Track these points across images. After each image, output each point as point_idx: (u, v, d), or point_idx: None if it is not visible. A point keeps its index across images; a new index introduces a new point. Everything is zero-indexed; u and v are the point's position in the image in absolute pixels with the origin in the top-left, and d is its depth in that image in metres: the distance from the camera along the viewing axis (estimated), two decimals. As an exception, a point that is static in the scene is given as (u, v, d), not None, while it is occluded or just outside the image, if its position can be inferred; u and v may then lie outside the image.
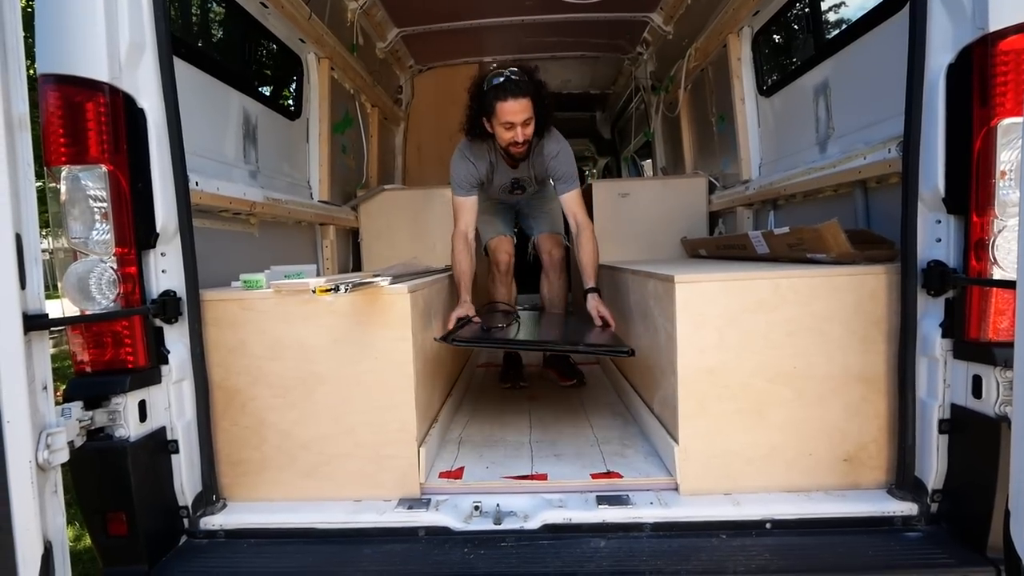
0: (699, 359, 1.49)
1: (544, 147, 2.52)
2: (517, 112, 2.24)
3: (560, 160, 2.50)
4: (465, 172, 2.50)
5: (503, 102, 2.23)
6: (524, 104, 2.24)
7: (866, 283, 1.48)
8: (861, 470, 1.51)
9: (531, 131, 2.31)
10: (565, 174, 2.50)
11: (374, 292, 1.51)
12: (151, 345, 1.40)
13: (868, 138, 1.94)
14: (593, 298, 2.27)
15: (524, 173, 2.61)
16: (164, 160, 1.41)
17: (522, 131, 2.28)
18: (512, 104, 2.23)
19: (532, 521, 1.44)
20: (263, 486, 1.56)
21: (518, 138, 2.28)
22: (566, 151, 2.52)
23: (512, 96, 2.22)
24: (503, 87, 2.24)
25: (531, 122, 2.29)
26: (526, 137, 2.29)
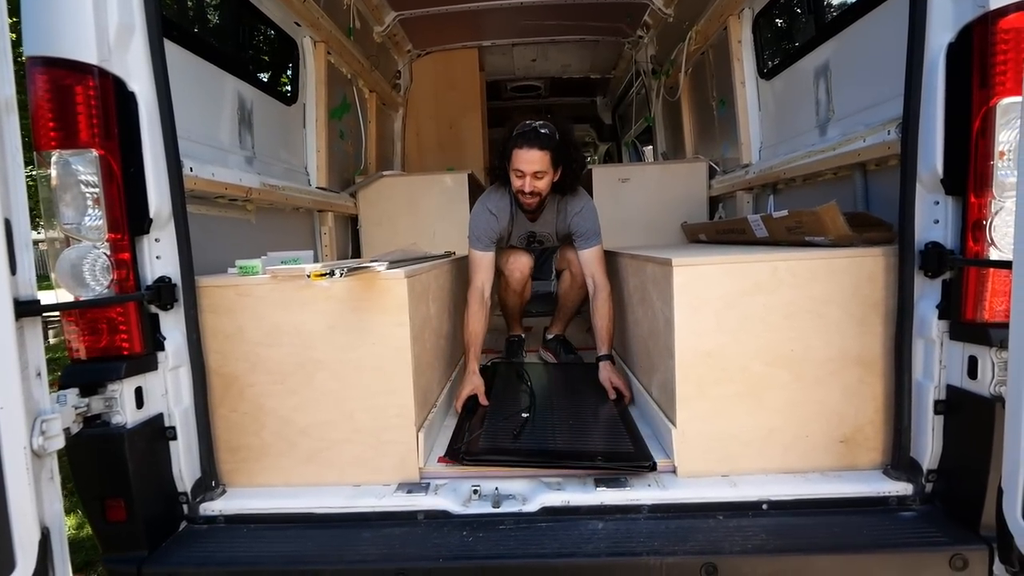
0: (697, 342, 1.49)
1: (568, 204, 2.47)
2: (527, 162, 2.21)
3: (583, 216, 2.45)
4: (485, 226, 2.43)
5: (518, 149, 2.22)
6: (538, 156, 2.20)
7: (864, 265, 1.47)
8: (857, 451, 1.51)
9: (542, 185, 2.26)
10: (588, 231, 2.44)
11: (371, 277, 1.50)
12: (147, 332, 1.40)
13: (868, 120, 1.93)
14: (605, 367, 2.20)
15: (544, 229, 2.57)
16: (156, 144, 1.40)
17: (530, 182, 2.24)
18: (525, 153, 2.21)
19: (530, 504, 1.45)
20: (263, 472, 1.56)
21: (525, 188, 2.25)
22: (590, 208, 2.48)
23: (528, 145, 2.20)
24: (523, 135, 2.22)
25: (543, 176, 2.25)
26: (534, 189, 2.25)
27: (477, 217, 2.45)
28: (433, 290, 1.92)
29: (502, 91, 5.69)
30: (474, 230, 2.44)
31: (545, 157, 2.22)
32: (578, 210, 2.45)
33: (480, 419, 1.83)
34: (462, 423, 1.83)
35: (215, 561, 1.34)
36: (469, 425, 1.78)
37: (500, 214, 2.45)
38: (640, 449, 1.60)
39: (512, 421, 1.79)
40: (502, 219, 2.46)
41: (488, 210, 2.45)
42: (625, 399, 2.06)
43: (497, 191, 2.49)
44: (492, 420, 1.81)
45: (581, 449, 1.60)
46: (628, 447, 1.62)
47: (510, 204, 2.47)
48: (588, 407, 1.95)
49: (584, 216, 2.45)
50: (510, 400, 2.02)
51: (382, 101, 4.00)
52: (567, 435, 1.71)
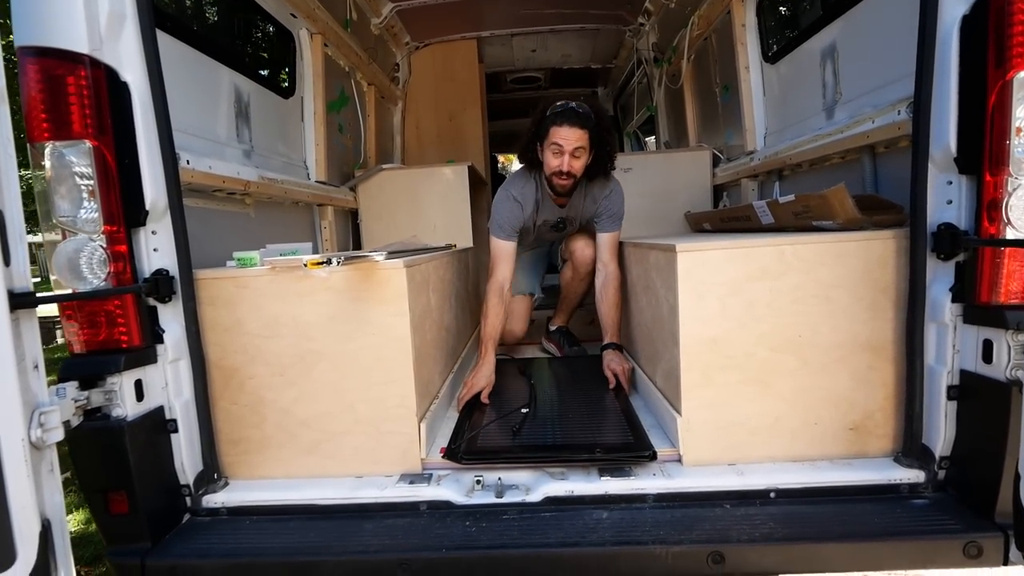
0: (702, 329, 1.47)
1: (598, 187, 2.42)
2: (569, 138, 2.16)
3: (612, 199, 2.41)
4: (509, 214, 2.36)
5: (558, 126, 2.17)
6: (579, 134, 2.16)
7: (873, 248, 1.44)
8: (867, 439, 1.49)
9: (579, 165, 2.21)
10: (615, 213, 2.41)
11: (369, 267, 1.48)
12: (145, 324, 1.39)
13: (876, 101, 1.89)
14: (609, 355, 2.16)
15: (573, 213, 2.50)
16: (151, 135, 1.38)
17: (569, 160, 2.19)
18: (566, 130, 2.16)
19: (534, 494, 1.43)
20: (264, 464, 1.55)
21: (563, 167, 2.19)
22: (620, 191, 2.44)
23: (568, 123, 2.16)
24: (564, 113, 2.18)
25: (581, 156, 2.20)
26: (571, 168, 2.20)
27: (500, 204, 2.39)
28: (434, 281, 1.90)
29: (502, 83, 5.65)
30: (496, 218, 2.38)
31: (585, 136, 2.17)
32: (609, 192, 2.40)
33: (480, 416, 1.81)
34: (462, 420, 1.81)
35: (218, 553, 1.33)
36: (469, 423, 1.76)
37: (525, 200, 2.39)
38: (640, 439, 1.58)
39: (511, 417, 1.76)
40: (527, 206, 2.40)
41: (512, 197, 2.38)
42: (625, 388, 2.03)
43: (522, 176, 2.42)
44: (492, 417, 1.79)
45: (580, 442, 1.58)
46: (628, 437, 1.60)
47: (536, 190, 2.40)
48: (589, 400, 1.93)
49: (614, 199, 2.41)
50: (511, 396, 1.99)
51: (381, 94, 3.97)
52: (566, 429, 1.68)
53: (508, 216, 2.36)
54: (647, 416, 1.79)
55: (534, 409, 1.82)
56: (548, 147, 2.21)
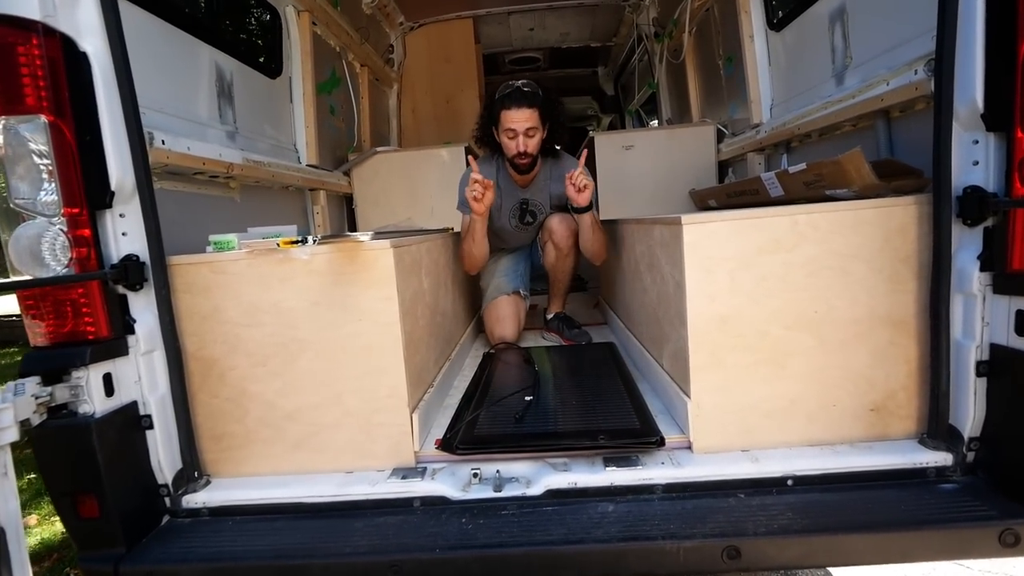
0: (710, 307, 1.37)
1: (561, 168, 2.42)
2: (519, 120, 2.21)
3: None
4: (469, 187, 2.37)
5: (507, 110, 2.22)
6: (528, 114, 2.21)
7: (894, 215, 1.33)
8: (890, 420, 1.39)
9: (534, 144, 2.26)
10: None
11: (353, 248, 1.39)
12: (114, 314, 1.30)
13: (891, 62, 1.77)
14: None
15: (536, 196, 2.47)
16: (114, 110, 1.28)
17: (523, 141, 2.23)
18: (515, 112, 2.21)
19: (535, 487, 1.34)
20: (248, 460, 1.47)
21: (519, 147, 2.23)
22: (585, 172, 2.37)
23: (516, 105, 2.21)
24: (509, 95, 2.23)
25: (535, 134, 2.25)
26: (527, 148, 2.24)
27: (462, 183, 2.42)
28: (426, 264, 1.80)
29: (500, 64, 5.51)
30: (460, 195, 2.44)
31: (534, 114, 2.23)
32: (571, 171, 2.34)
33: (479, 404, 1.71)
34: (460, 409, 1.71)
35: (198, 557, 1.25)
36: (467, 411, 1.66)
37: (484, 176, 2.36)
38: (647, 424, 1.48)
39: (513, 404, 1.67)
40: None
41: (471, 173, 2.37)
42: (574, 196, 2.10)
43: (484, 161, 2.45)
44: (491, 405, 1.69)
45: (583, 429, 1.48)
46: (634, 423, 1.50)
47: (496, 172, 2.42)
48: (593, 385, 1.83)
49: None
50: (513, 383, 1.89)
51: (375, 76, 3.85)
52: (569, 416, 1.59)
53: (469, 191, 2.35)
54: (655, 401, 1.69)
55: (536, 396, 1.72)
56: (503, 132, 2.27)
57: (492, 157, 2.44)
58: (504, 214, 2.50)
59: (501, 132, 2.28)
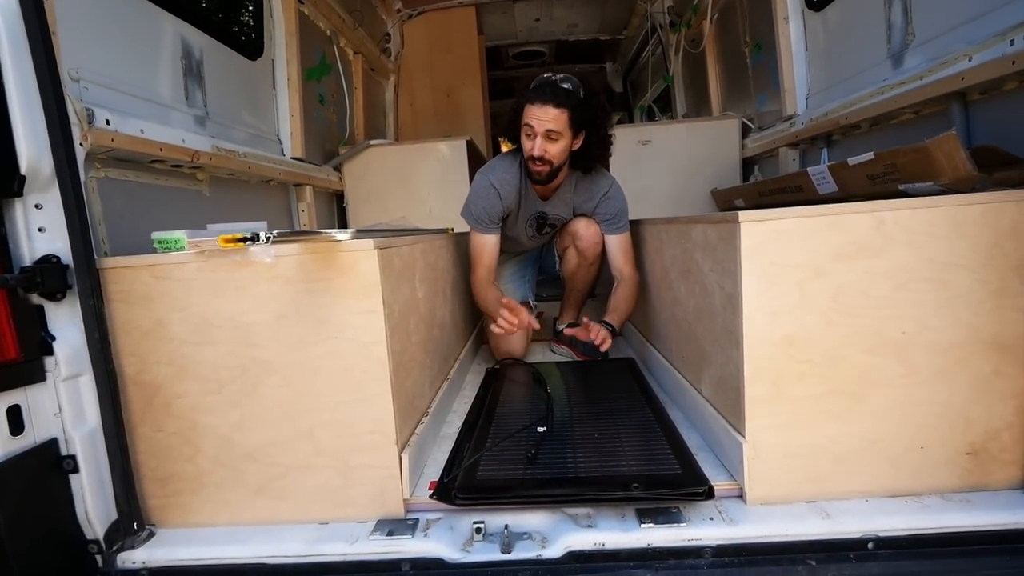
0: (772, 326, 1.10)
1: (593, 183, 2.09)
2: (540, 118, 1.85)
3: (613, 198, 2.08)
4: (486, 203, 2.05)
5: (531, 104, 1.86)
6: (554, 114, 1.84)
7: (1005, 214, 1.06)
8: (990, 466, 1.12)
9: (555, 150, 1.89)
10: (618, 212, 2.08)
11: (328, 249, 1.12)
12: (24, 329, 1.03)
13: (970, 36, 1.51)
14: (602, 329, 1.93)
15: (556, 211, 2.15)
16: (24, 75, 1.01)
17: (541, 144, 1.87)
18: (538, 109, 1.85)
19: (552, 547, 1.07)
20: (201, 508, 1.20)
21: (534, 151, 1.88)
22: (618, 189, 2.11)
23: (541, 100, 1.84)
24: (538, 89, 1.87)
25: (557, 139, 1.88)
26: (545, 153, 1.88)
27: (476, 192, 2.07)
28: (421, 268, 1.53)
29: (504, 58, 5.27)
30: (472, 208, 2.07)
31: (562, 116, 1.85)
32: (606, 189, 2.08)
33: (482, 437, 1.44)
34: (460, 441, 1.44)
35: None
36: (469, 447, 1.39)
37: (504, 188, 2.04)
38: (690, 469, 1.21)
39: (524, 438, 1.39)
40: (506, 195, 2.05)
41: (490, 183, 2.04)
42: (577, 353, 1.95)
43: (505, 160, 2.09)
44: (498, 439, 1.41)
45: (611, 474, 1.21)
46: (674, 466, 1.23)
47: (519, 176, 2.06)
48: (617, 414, 1.55)
49: (614, 198, 2.09)
50: (520, 411, 1.62)
51: (370, 66, 3.59)
52: (592, 454, 1.30)
53: (485, 206, 2.05)
54: (691, 434, 1.42)
55: (550, 427, 1.45)
56: (522, 127, 1.92)
57: (516, 158, 2.06)
58: (520, 223, 2.18)
59: (521, 126, 1.93)
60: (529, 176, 2.00)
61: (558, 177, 2.03)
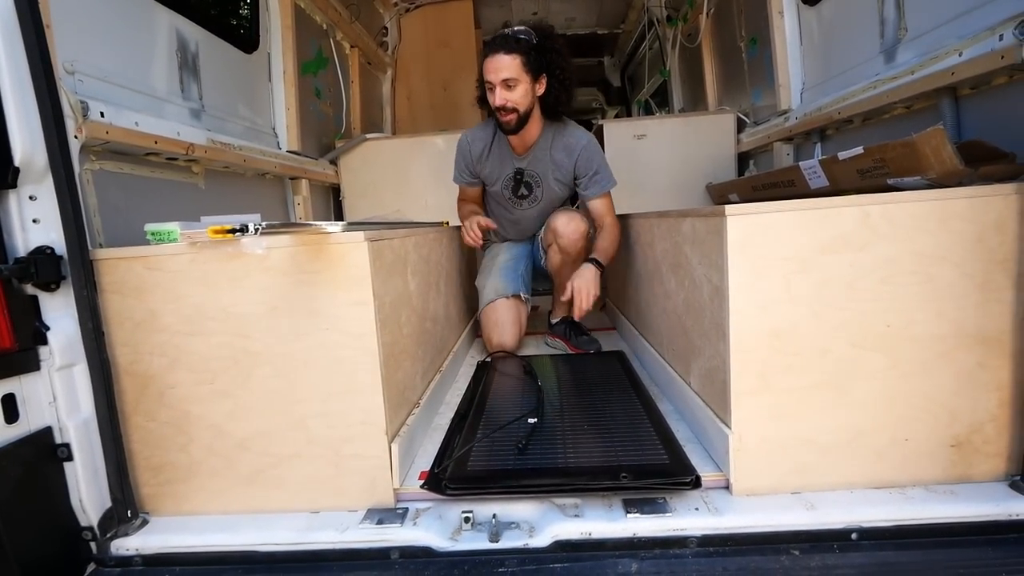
0: (759, 318, 1.11)
1: (570, 136, 2.12)
2: (494, 69, 1.94)
3: (591, 151, 2.10)
4: (460, 157, 2.27)
5: (486, 59, 1.95)
6: (506, 61, 1.92)
7: (991, 208, 1.07)
8: (974, 458, 1.14)
9: (516, 96, 1.96)
10: (597, 169, 2.11)
11: (318, 241, 1.13)
12: (19, 319, 1.04)
13: (962, 30, 1.51)
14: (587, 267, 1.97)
15: (533, 166, 2.17)
16: (18, 67, 1.02)
17: (501, 93, 1.95)
18: (492, 60, 1.94)
19: (539, 536, 1.09)
20: (193, 496, 1.21)
21: (497, 101, 1.96)
22: (596, 147, 2.13)
23: (493, 51, 1.93)
24: (491, 43, 1.97)
25: (515, 85, 1.95)
26: (506, 101, 1.95)
27: (457, 149, 2.29)
28: (414, 261, 1.54)
29: (501, 52, 5.24)
30: (455, 166, 2.32)
31: (515, 61, 1.93)
32: (583, 143, 2.11)
33: (473, 427, 1.45)
34: (451, 432, 1.45)
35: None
36: (460, 438, 1.40)
37: (475, 143, 2.23)
38: (678, 459, 1.23)
39: (514, 429, 1.41)
40: (476, 148, 2.22)
41: (467, 140, 2.25)
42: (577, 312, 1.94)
43: (484, 126, 2.25)
44: (487, 430, 1.43)
45: (600, 464, 1.22)
46: (661, 457, 1.25)
47: (492, 133, 2.19)
48: (607, 405, 1.57)
49: (592, 151, 2.12)
50: (510, 402, 1.63)
51: (367, 60, 3.59)
52: (581, 445, 1.32)
53: (459, 160, 2.28)
54: (680, 426, 1.44)
55: (541, 418, 1.46)
56: (486, 86, 2.02)
57: (492, 122, 2.18)
58: (498, 184, 2.26)
59: (485, 87, 2.02)
60: (502, 129, 2.08)
61: (531, 127, 2.10)
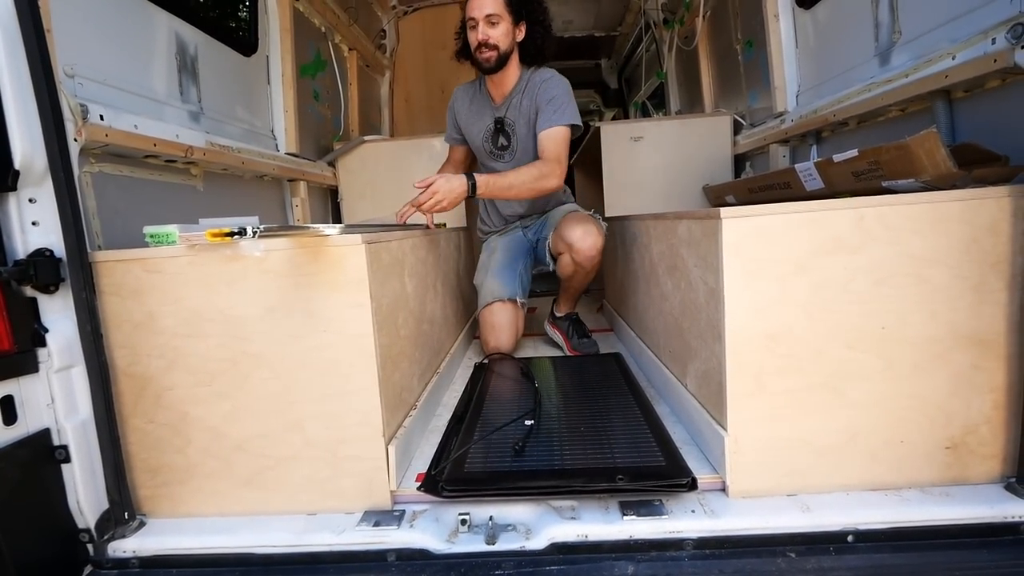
0: (754, 320, 1.12)
1: (538, 75, 2.17)
2: (478, 5, 2.01)
3: (551, 83, 2.12)
4: (448, 112, 2.39)
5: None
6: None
7: (984, 211, 1.08)
8: (969, 460, 1.14)
9: (498, 34, 2.03)
10: (554, 99, 2.09)
11: (316, 244, 1.13)
12: (18, 321, 1.05)
13: (954, 34, 1.52)
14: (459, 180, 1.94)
15: (511, 113, 2.20)
16: (19, 72, 1.03)
17: (484, 29, 2.02)
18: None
19: (536, 538, 1.09)
20: (190, 498, 1.22)
21: (479, 36, 2.02)
22: (560, 80, 2.15)
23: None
24: None
25: (498, 22, 2.02)
26: (488, 37, 2.02)
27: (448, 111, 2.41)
28: (411, 263, 1.55)
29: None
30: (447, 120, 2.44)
31: (499, 1, 2.01)
32: (548, 76, 2.15)
33: (469, 429, 1.45)
34: (448, 434, 1.46)
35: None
36: (456, 439, 1.40)
37: (462, 98, 2.33)
38: (674, 462, 1.23)
39: (507, 432, 1.41)
40: (462, 103, 2.32)
41: (455, 96, 2.36)
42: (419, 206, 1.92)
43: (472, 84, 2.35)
44: (484, 432, 1.43)
45: (597, 466, 1.22)
46: (658, 459, 1.25)
47: (476, 86, 2.30)
48: (604, 408, 1.57)
49: (553, 85, 2.11)
50: (507, 404, 1.63)
51: (365, 62, 3.60)
52: (578, 447, 1.33)
53: (448, 116, 2.40)
54: (677, 428, 1.45)
55: (538, 420, 1.47)
56: (468, 26, 2.10)
57: (471, 84, 2.31)
58: (479, 139, 2.31)
59: (468, 28, 2.09)
60: (479, 67, 2.13)
61: (510, 71, 2.15)
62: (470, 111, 2.30)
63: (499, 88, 2.19)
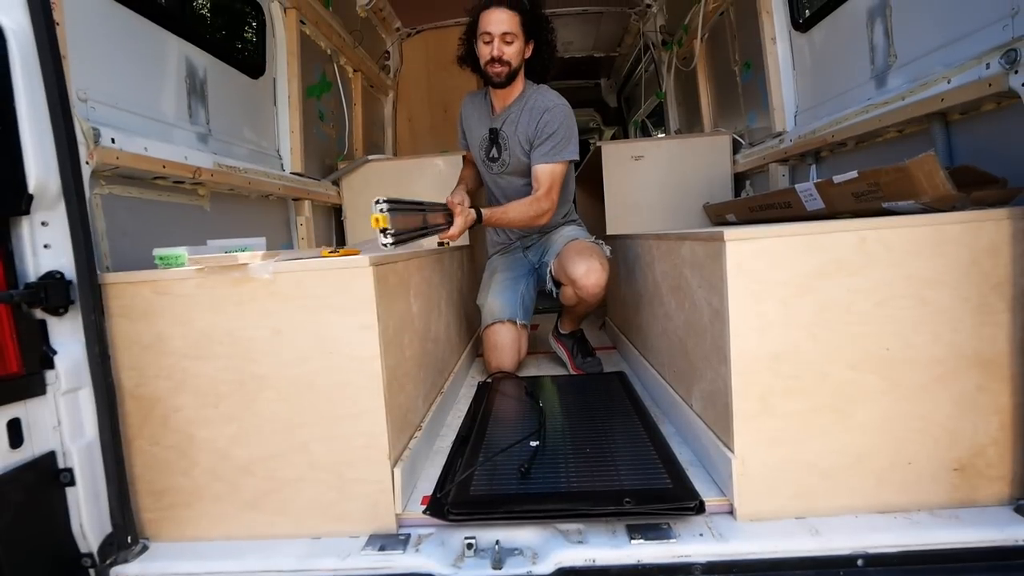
0: (759, 342, 1.12)
1: (538, 98, 2.19)
2: (496, 22, 2.05)
3: (555, 114, 2.14)
4: (459, 120, 2.48)
5: (485, 11, 2.07)
6: (507, 16, 2.05)
7: (984, 232, 1.09)
8: (977, 482, 1.14)
9: (511, 52, 2.08)
10: (555, 133, 2.12)
11: (323, 266, 1.14)
12: (27, 344, 1.05)
13: (949, 58, 1.55)
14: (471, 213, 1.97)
15: (507, 127, 2.24)
16: (36, 98, 1.05)
17: (499, 46, 2.06)
18: (493, 13, 2.06)
19: (543, 563, 1.08)
20: (195, 521, 1.21)
21: (493, 52, 2.06)
22: (563, 111, 2.17)
23: (496, 4, 2.05)
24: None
25: (513, 41, 2.08)
26: (503, 53, 2.07)
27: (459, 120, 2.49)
28: (416, 284, 1.56)
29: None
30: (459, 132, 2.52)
31: (515, 19, 2.06)
32: (550, 106, 2.15)
33: (474, 451, 1.45)
34: (453, 456, 1.45)
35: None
36: (461, 461, 1.40)
37: (468, 105, 2.41)
38: (681, 484, 1.23)
39: (517, 452, 1.41)
40: (468, 109, 2.40)
41: (463, 102, 2.45)
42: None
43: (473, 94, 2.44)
44: (489, 454, 1.43)
45: (604, 489, 1.22)
46: (664, 481, 1.25)
47: (483, 95, 2.36)
48: (609, 430, 1.56)
49: (555, 116, 2.14)
50: (512, 425, 1.63)
51: (369, 83, 3.65)
52: (584, 469, 1.32)
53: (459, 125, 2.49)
54: (682, 449, 1.44)
55: (543, 441, 1.46)
56: (480, 39, 2.12)
57: (479, 92, 2.35)
58: (477, 143, 2.37)
59: (478, 39, 2.11)
60: (488, 81, 2.18)
61: (515, 86, 2.21)
62: (473, 118, 2.37)
63: (501, 100, 2.25)
